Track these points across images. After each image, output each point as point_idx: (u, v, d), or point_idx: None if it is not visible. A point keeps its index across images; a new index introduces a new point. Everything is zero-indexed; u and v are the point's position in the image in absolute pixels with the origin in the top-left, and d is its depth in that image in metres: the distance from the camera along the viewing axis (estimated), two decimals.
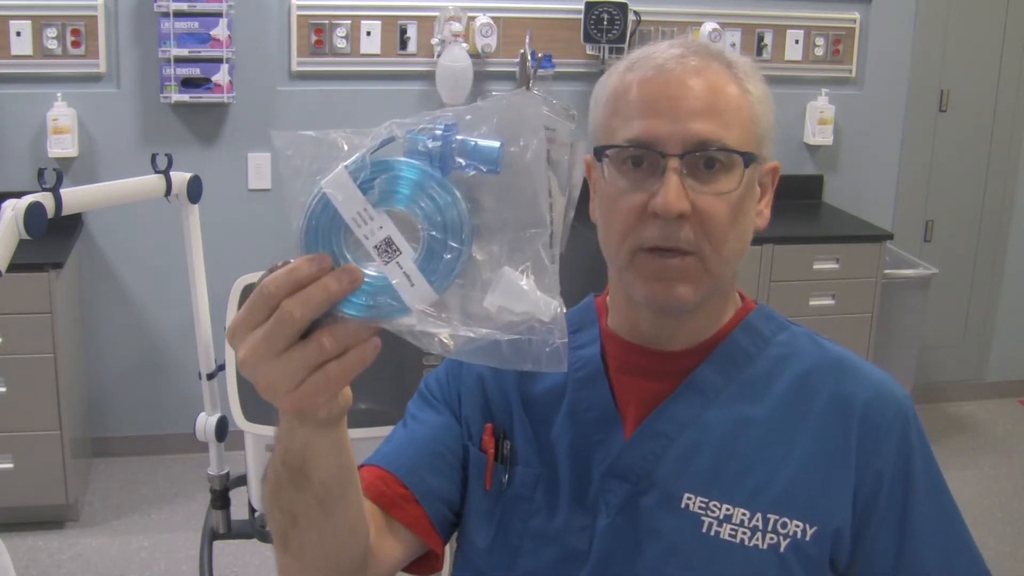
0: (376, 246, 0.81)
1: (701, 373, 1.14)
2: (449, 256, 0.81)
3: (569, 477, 1.16)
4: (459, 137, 0.82)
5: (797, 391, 1.13)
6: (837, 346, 1.19)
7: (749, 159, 1.07)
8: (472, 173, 0.82)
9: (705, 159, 1.06)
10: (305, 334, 0.81)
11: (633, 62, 1.12)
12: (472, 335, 0.82)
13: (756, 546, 1.07)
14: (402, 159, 0.82)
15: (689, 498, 1.10)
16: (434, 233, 0.81)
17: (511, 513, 1.18)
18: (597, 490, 1.14)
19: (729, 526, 1.08)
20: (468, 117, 0.83)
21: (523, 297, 0.83)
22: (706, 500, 1.09)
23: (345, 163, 0.81)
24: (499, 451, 1.19)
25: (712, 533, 1.08)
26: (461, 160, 0.82)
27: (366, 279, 0.81)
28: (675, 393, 1.14)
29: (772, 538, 1.07)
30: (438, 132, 0.82)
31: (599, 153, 1.11)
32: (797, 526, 1.07)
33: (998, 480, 4.08)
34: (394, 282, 0.81)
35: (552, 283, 0.85)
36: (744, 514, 1.08)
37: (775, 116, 1.14)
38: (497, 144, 0.82)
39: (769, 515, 1.08)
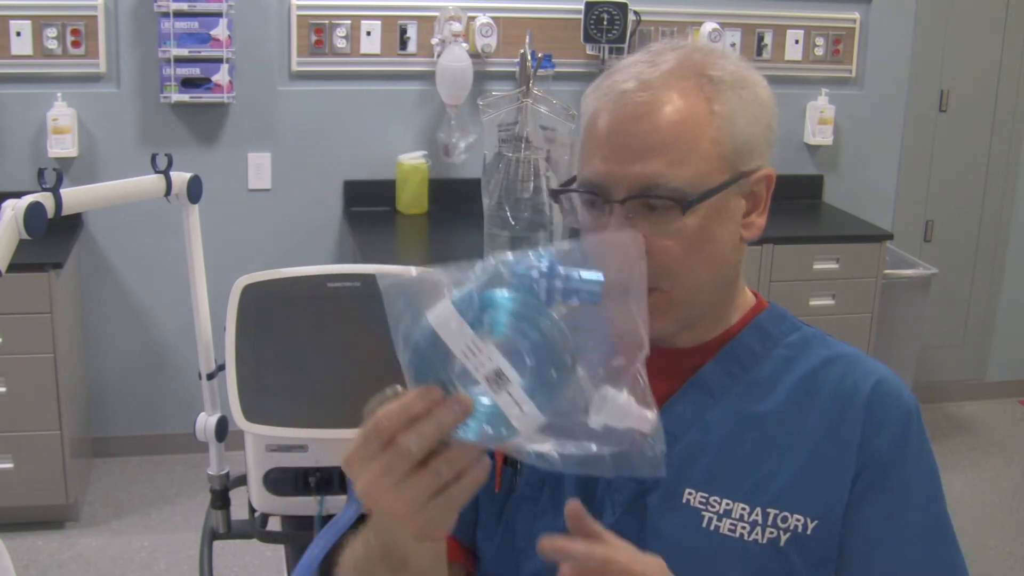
0: (486, 377, 0.84)
1: (706, 372, 1.15)
2: (555, 382, 0.85)
3: (575, 477, 1.16)
4: (562, 270, 0.86)
5: (803, 388, 1.13)
6: (849, 347, 1.19)
7: (689, 202, 1.04)
8: (575, 303, 0.86)
9: (649, 201, 1.05)
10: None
11: (604, 84, 1.12)
12: (578, 451, 0.88)
13: (755, 540, 1.07)
14: (507, 293, 0.85)
15: (690, 493, 1.10)
16: (540, 361, 0.85)
17: (517, 514, 1.18)
18: (603, 489, 1.14)
19: (729, 520, 1.08)
20: (568, 249, 0.88)
21: (624, 414, 0.89)
22: (706, 495, 1.10)
23: (452, 298, 0.85)
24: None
25: (712, 528, 1.09)
26: (564, 293, 0.86)
27: (477, 406, 0.84)
28: (680, 392, 1.15)
29: (772, 532, 1.07)
30: (542, 267, 0.86)
31: (555, 195, 1.16)
32: (798, 520, 1.07)
33: (998, 480, 4.08)
34: (505, 411, 0.85)
35: (648, 395, 0.90)
36: (744, 509, 1.08)
37: (767, 118, 1.11)
38: (598, 278, 0.87)
39: (769, 509, 1.08)
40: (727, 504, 1.09)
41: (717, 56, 1.11)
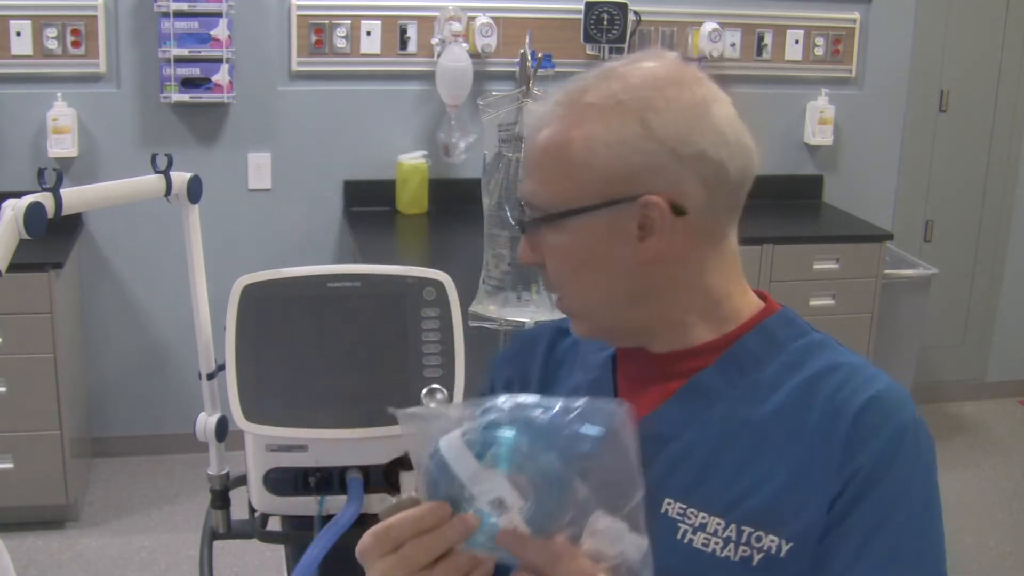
0: (490, 502, 0.94)
1: (705, 376, 1.13)
2: (552, 512, 0.94)
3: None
4: (564, 421, 0.95)
5: (798, 398, 1.09)
6: (857, 356, 1.15)
7: (547, 219, 1.09)
8: (574, 453, 0.94)
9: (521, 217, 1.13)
10: None
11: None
12: None
13: (728, 557, 1.05)
14: (510, 432, 0.94)
15: (669, 503, 1.09)
16: (539, 494, 0.93)
17: None
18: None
19: (703, 534, 1.06)
20: (576, 406, 0.96)
21: (616, 540, 0.95)
22: (684, 507, 1.08)
23: (461, 429, 0.95)
24: None
25: (686, 540, 1.07)
26: (564, 440, 0.94)
27: (484, 520, 0.94)
28: (674, 395, 1.13)
29: (745, 551, 1.05)
30: (547, 413, 0.96)
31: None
32: (772, 541, 1.04)
33: (998, 480, 4.08)
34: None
35: (641, 523, 0.96)
36: (719, 524, 1.06)
37: (663, 143, 1.06)
38: (596, 433, 0.95)
39: (744, 527, 1.05)
40: (703, 517, 1.07)
41: (614, 80, 1.09)
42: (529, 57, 3.70)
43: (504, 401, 0.97)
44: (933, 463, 1.09)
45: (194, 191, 1.77)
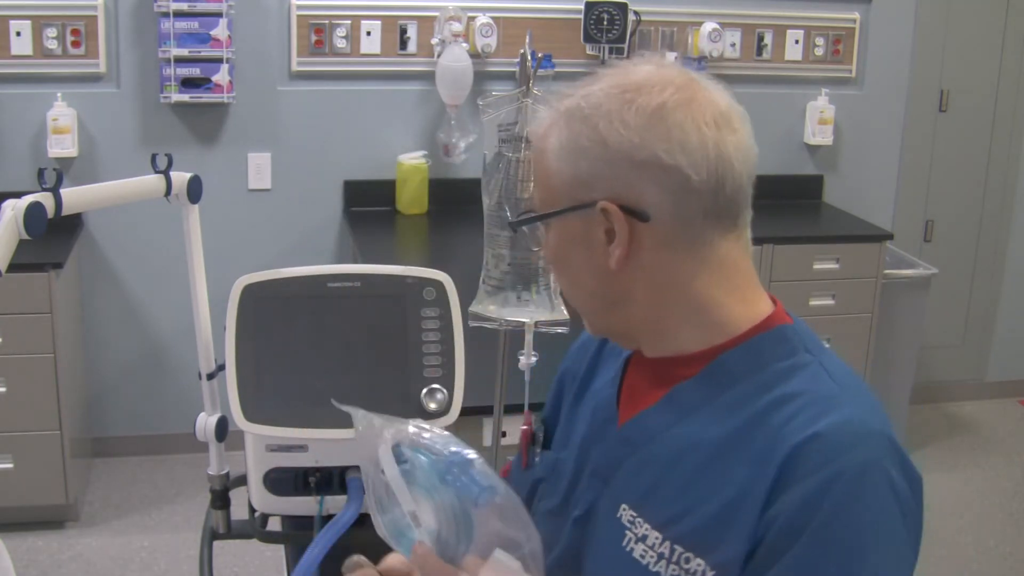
0: (408, 512, 1.11)
1: (683, 388, 1.11)
2: (453, 543, 1.09)
3: (572, 468, 1.21)
4: (471, 472, 1.11)
5: (753, 423, 1.04)
6: (834, 382, 1.07)
7: (532, 219, 1.17)
8: (469, 496, 1.10)
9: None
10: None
11: None
12: None
13: (659, 573, 1.04)
14: (428, 458, 1.11)
15: (624, 509, 1.10)
16: (444, 522, 1.09)
17: (533, 493, 1.28)
18: (584, 485, 1.18)
19: (643, 546, 1.06)
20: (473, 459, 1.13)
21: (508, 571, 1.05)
22: (635, 515, 1.08)
23: (394, 442, 1.14)
24: (538, 436, 1.33)
25: (628, 548, 1.08)
26: (461, 483, 1.10)
27: (404, 533, 1.13)
28: (655, 403, 1.13)
29: (675, 570, 1.03)
30: (458, 460, 1.12)
31: None
32: (699, 565, 1.02)
33: (998, 480, 4.08)
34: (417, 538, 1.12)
35: (535, 568, 1.08)
36: (658, 538, 1.05)
37: (617, 152, 1.06)
38: (491, 496, 1.10)
39: (676, 546, 1.04)
40: (646, 529, 1.07)
41: (584, 87, 1.12)
42: (529, 57, 3.70)
43: (422, 431, 1.12)
44: (891, 511, 0.99)
45: (194, 191, 1.77)
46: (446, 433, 1.16)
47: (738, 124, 1.08)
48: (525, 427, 1.35)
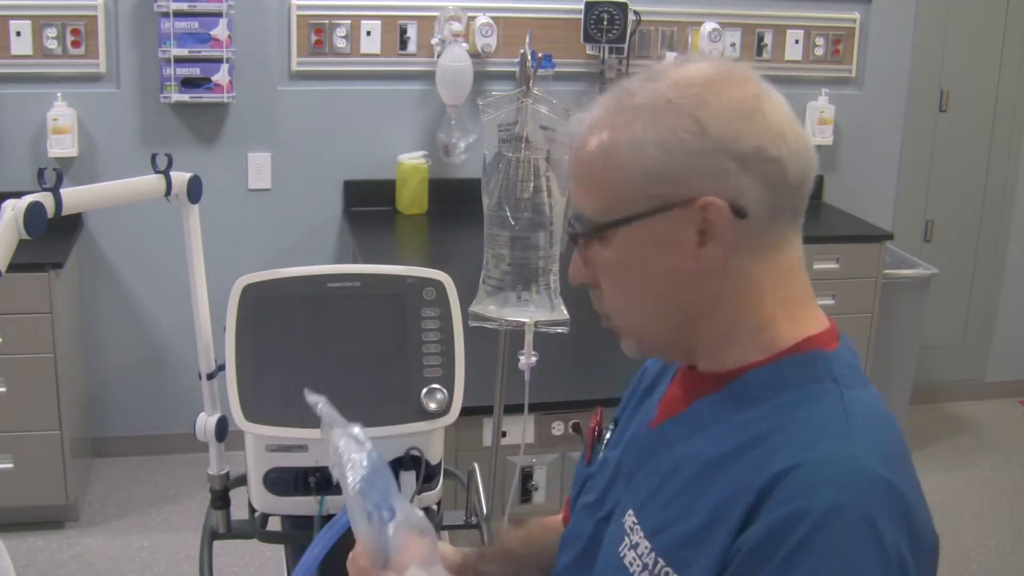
0: (352, 497, 1.16)
1: (703, 403, 1.08)
2: (375, 549, 1.15)
3: (612, 468, 1.20)
4: (378, 488, 1.15)
5: (751, 445, 1.00)
6: (852, 416, 0.99)
7: (596, 229, 1.04)
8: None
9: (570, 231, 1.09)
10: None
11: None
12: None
13: None
14: (366, 459, 1.18)
15: (630, 514, 1.09)
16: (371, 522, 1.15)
17: (582, 487, 1.27)
18: (617, 486, 1.17)
19: (633, 553, 1.04)
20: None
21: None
22: (636, 522, 1.07)
23: (353, 431, 1.22)
24: (603, 433, 1.30)
25: (621, 554, 1.06)
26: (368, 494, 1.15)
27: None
28: (677, 416, 1.11)
29: None
30: (367, 471, 1.17)
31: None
32: None
33: (998, 480, 4.08)
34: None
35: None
36: (647, 547, 1.03)
37: (715, 142, 1.00)
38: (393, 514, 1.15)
39: (660, 558, 1.01)
40: (640, 536, 1.05)
41: (661, 80, 1.04)
42: (529, 57, 3.70)
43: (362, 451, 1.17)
44: (860, 567, 0.89)
45: (194, 191, 1.77)
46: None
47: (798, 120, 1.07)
48: (593, 424, 1.32)
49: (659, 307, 1.06)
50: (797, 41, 4.16)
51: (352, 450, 1.18)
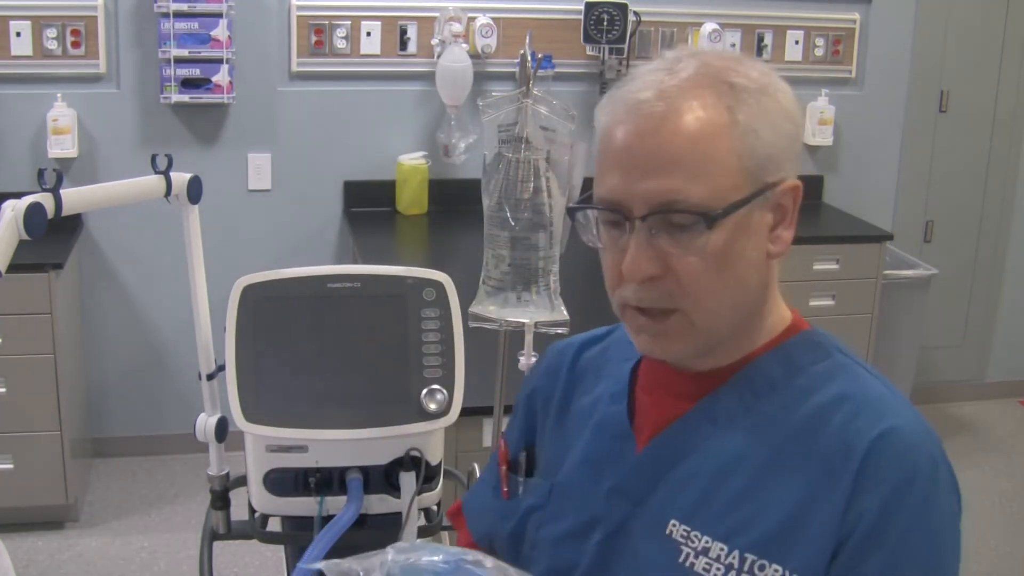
0: None
1: (715, 399, 1.08)
2: None
3: (580, 490, 1.16)
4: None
5: (809, 426, 1.03)
6: (879, 381, 1.07)
7: (713, 218, 0.99)
8: None
9: (671, 218, 1.00)
10: None
11: (620, 94, 1.05)
12: None
13: None
14: None
15: (674, 525, 1.06)
16: None
17: (525, 522, 1.21)
18: (602, 506, 1.13)
19: (705, 559, 1.03)
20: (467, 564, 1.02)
21: None
22: (688, 529, 1.05)
23: None
24: (520, 462, 1.25)
25: (688, 564, 1.04)
26: None
27: None
28: (686, 416, 1.10)
29: None
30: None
31: (572, 213, 1.10)
32: (776, 571, 0.99)
33: (998, 480, 4.08)
34: None
35: None
36: (722, 549, 1.02)
37: (793, 127, 1.05)
38: None
39: (747, 554, 1.01)
40: (706, 541, 1.03)
41: (738, 62, 1.05)
42: (529, 58, 3.70)
43: (402, 552, 1.03)
44: (954, 509, 1.02)
45: (194, 192, 1.77)
46: (423, 542, 1.14)
47: None
48: (503, 461, 1.28)
49: (740, 293, 1.05)
50: (797, 42, 4.16)
51: None
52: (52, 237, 1.69)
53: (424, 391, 1.46)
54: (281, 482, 1.52)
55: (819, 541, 0.99)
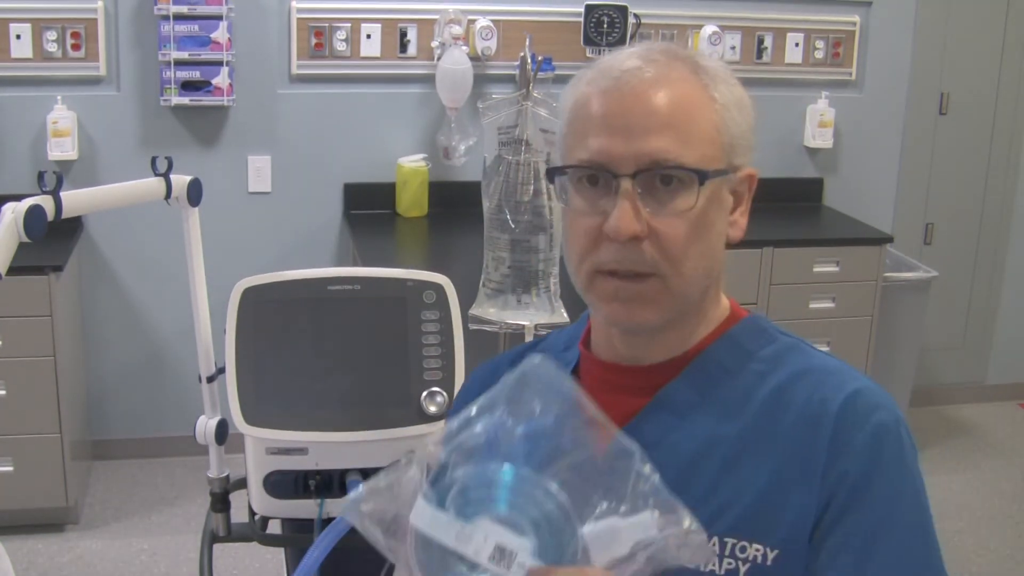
0: (490, 557, 0.81)
1: (672, 390, 1.10)
2: (563, 534, 0.82)
3: None
4: (517, 424, 0.86)
5: (771, 405, 1.06)
6: (829, 356, 1.12)
7: (704, 176, 1.03)
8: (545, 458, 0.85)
9: (661, 177, 1.03)
10: None
11: (595, 72, 1.09)
12: None
13: (713, 571, 1.02)
14: (471, 469, 0.84)
15: None
16: (537, 520, 0.82)
17: None
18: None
19: None
20: (501, 410, 0.87)
21: (629, 533, 0.85)
22: None
23: (424, 493, 0.84)
24: None
25: None
26: (523, 447, 0.85)
27: None
28: (645, 409, 1.10)
29: (730, 563, 1.02)
30: (491, 431, 0.86)
31: (552, 174, 1.11)
32: (757, 550, 1.01)
33: (998, 483, 4.08)
34: None
35: (649, 490, 0.87)
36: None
37: (755, 120, 1.10)
38: (548, 421, 0.86)
39: (727, 539, 1.02)
40: None
41: (700, 55, 1.11)
42: (529, 60, 3.70)
43: (445, 441, 0.87)
44: (918, 463, 1.06)
45: (194, 194, 1.77)
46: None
47: None
48: None
49: (712, 263, 1.09)
50: (797, 44, 4.16)
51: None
52: (52, 239, 1.69)
53: (424, 393, 1.47)
54: (281, 484, 1.53)
55: (799, 511, 1.01)
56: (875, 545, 1.00)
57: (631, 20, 3.88)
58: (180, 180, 1.74)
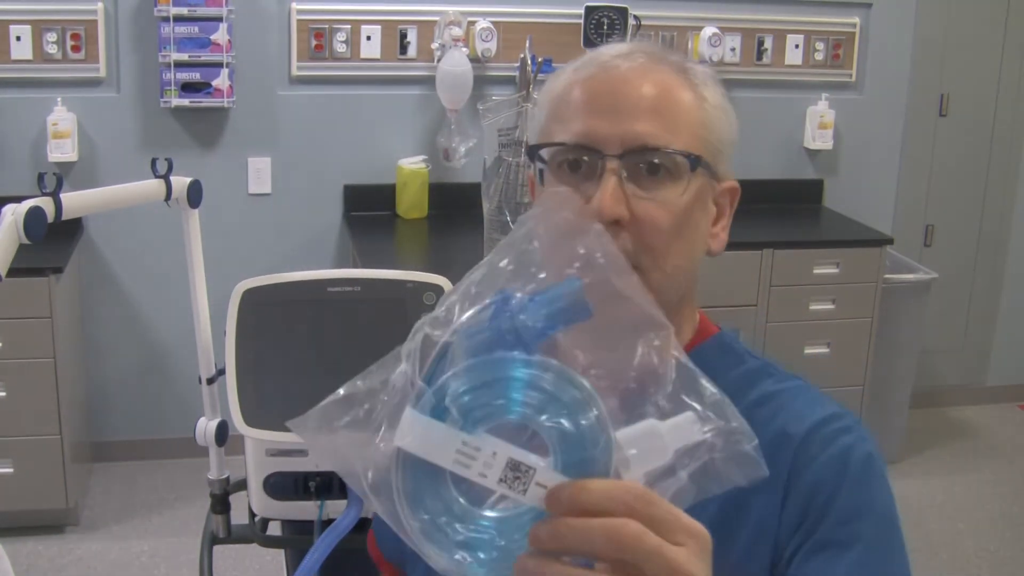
0: (501, 479, 0.63)
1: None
2: (590, 442, 0.65)
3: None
4: (527, 300, 0.68)
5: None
6: (799, 381, 1.08)
7: (696, 163, 0.99)
8: (563, 329, 0.67)
9: (648, 164, 0.98)
10: None
11: (580, 63, 1.06)
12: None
13: None
14: (476, 360, 0.66)
15: None
16: (563, 424, 0.64)
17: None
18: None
19: None
20: (506, 266, 0.70)
21: (671, 437, 0.69)
22: None
23: (411, 404, 0.66)
24: None
25: None
26: (543, 325, 0.67)
27: (498, 523, 0.64)
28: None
29: None
30: (502, 310, 0.68)
31: (532, 153, 1.03)
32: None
33: (998, 485, 4.08)
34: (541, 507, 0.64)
35: (693, 383, 0.71)
36: None
37: (735, 132, 1.06)
38: (574, 284, 0.68)
39: None
40: None
41: (683, 58, 1.09)
42: (529, 61, 3.70)
43: (428, 333, 0.71)
44: (887, 480, 1.02)
45: (194, 196, 1.77)
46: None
47: None
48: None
49: (690, 264, 1.04)
50: (797, 46, 4.16)
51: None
52: (52, 241, 1.69)
53: None
54: (281, 486, 1.52)
55: (763, 523, 0.98)
56: (839, 559, 0.96)
57: (631, 21, 3.88)
58: (180, 182, 1.73)
